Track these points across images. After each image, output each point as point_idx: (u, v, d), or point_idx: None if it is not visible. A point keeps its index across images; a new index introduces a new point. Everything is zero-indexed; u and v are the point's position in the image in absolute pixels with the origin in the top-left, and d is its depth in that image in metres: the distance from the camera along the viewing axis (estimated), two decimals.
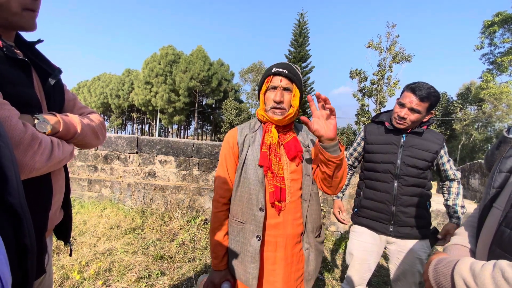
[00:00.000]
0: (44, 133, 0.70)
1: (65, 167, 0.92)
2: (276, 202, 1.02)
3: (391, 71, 21.14)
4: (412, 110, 1.43)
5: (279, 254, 1.03)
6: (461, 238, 0.77)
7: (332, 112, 0.89)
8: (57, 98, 0.85)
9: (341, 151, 0.94)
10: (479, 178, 6.17)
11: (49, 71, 0.82)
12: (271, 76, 1.03)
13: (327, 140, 0.91)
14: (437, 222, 3.81)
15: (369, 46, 21.40)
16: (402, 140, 1.52)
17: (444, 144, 1.54)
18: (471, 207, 4.53)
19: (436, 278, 0.62)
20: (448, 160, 1.55)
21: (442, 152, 1.51)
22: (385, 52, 21.19)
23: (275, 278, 1.02)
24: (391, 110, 1.61)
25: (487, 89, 20.62)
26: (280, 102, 1.01)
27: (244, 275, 1.03)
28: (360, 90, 22.10)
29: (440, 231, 1.59)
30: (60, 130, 0.75)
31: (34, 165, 0.64)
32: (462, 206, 1.56)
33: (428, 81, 1.46)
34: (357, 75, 21.92)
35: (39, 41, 0.84)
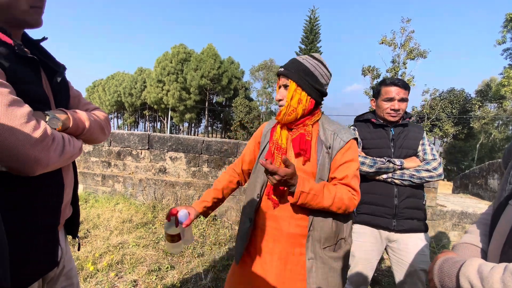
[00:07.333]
0: (55, 129, 0.72)
1: (73, 163, 0.93)
2: (272, 196, 1.04)
3: (405, 68, 20.52)
4: (401, 100, 1.54)
5: (277, 246, 1.04)
6: (472, 236, 0.73)
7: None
8: (63, 95, 0.87)
9: (298, 194, 0.91)
10: (498, 178, 5.92)
11: (54, 68, 0.84)
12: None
13: None
14: (452, 222, 3.69)
15: (382, 42, 20.79)
16: (392, 134, 1.59)
17: (425, 134, 1.64)
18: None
19: (441, 279, 0.58)
20: (430, 145, 1.59)
21: (425, 139, 1.60)
22: (399, 48, 20.54)
23: (272, 269, 1.03)
24: (369, 112, 1.71)
25: (508, 86, 19.65)
26: (280, 100, 1.06)
27: (236, 250, 1.14)
28: (373, 88, 21.59)
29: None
30: (70, 126, 0.77)
31: (49, 160, 0.66)
32: (412, 176, 1.49)
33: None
34: (369, 72, 21.39)
35: (43, 38, 0.86)
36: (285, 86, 1.04)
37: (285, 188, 0.97)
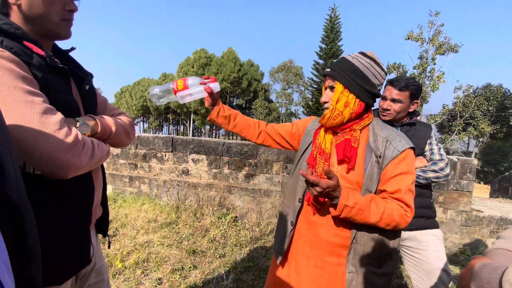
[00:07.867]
0: (85, 134, 0.76)
1: (102, 166, 0.97)
2: (312, 202, 0.98)
3: (434, 64, 19.36)
4: (393, 100, 1.52)
5: (313, 252, 1.00)
6: (508, 242, 0.67)
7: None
8: (91, 102, 0.92)
9: (340, 207, 0.85)
10: None
11: (83, 76, 0.90)
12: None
13: None
14: (490, 229, 3.40)
15: (408, 38, 19.84)
16: None
17: (433, 132, 1.61)
18: None
19: (479, 285, 0.55)
20: (437, 145, 1.57)
21: (433, 139, 1.58)
22: (427, 43, 19.46)
23: (307, 275, 1.01)
24: (376, 109, 1.69)
25: None
26: (325, 102, 0.98)
27: (277, 249, 1.13)
28: None
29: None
30: (98, 131, 0.82)
31: (80, 164, 0.70)
32: (418, 176, 1.50)
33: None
34: (395, 69, 20.46)
35: (72, 48, 0.92)
36: (331, 88, 0.95)
37: (326, 199, 0.92)
